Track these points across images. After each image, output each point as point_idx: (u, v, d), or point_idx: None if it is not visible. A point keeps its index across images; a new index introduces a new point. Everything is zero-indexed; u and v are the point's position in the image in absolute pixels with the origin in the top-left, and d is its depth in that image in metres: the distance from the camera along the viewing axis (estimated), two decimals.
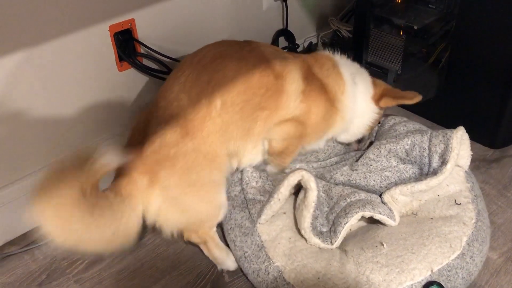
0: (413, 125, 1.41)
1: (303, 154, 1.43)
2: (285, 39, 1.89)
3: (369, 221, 1.25)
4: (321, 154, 1.46)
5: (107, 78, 1.38)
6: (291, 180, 1.17)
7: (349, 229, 1.20)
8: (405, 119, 1.46)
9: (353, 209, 1.17)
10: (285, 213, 1.25)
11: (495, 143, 1.56)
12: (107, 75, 1.37)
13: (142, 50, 1.42)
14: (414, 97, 1.30)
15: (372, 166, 1.32)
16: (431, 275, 1.07)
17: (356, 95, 1.31)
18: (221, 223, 1.27)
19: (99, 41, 1.31)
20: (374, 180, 1.30)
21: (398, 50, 1.59)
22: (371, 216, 1.19)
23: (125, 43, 1.36)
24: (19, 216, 1.30)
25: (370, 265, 1.09)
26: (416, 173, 1.30)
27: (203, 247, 1.23)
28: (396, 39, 1.58)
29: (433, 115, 1.66)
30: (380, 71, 1.67)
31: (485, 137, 1.55)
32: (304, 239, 1.18)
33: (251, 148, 1.20)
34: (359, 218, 1.18)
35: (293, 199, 1.27)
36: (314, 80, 1.23)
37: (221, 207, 1.17)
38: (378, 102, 1.35)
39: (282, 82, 1.17)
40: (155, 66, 1.46)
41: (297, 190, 1.24)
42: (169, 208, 1.09)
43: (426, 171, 1.29)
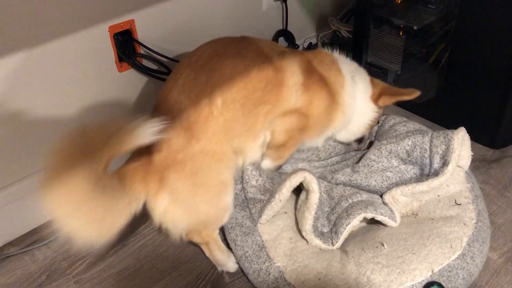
0: (413, 125, 1.41)
1: (302, 151, 1.43)
2: (285, 39, 1.89)
3: (369, 222, 1.24)
4: (322, 153, 1.46)
5: (107, 79, 1.38)
6: (294, 181, 1.17)
7: (351, 230, 1.20)
8: (405, 119, 1.46)
9: (355, 210, 1.17)
10: (286, 212, 1.25)
11: (495, 143, 1.56)
12: (106, 76, 1.37)
13: (142, 50, 1.42)
14: (412, 93, 1.31)
15: (373, 167, 1.31)
16: (431, 275, 1.07)
17: (355, 93, 1.31)
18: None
19: (99, 41, 1.31)
20: (375, 181, 1.29)
21: (398, 50, 1.59)
22: (372, 217, 1.18)
23: (125, 43, 1.36)
24: (19, 216, 1.31)
25: (370, 265, 1.09)
26: (417, 174, 1.30)
27: (204, 247, 1.23)
28: (396, 39, 1.58)
29: (433, 115, 1.66)
30: (380, 71, 1.67)
31: (485, 137, 1.55)
32: (305, 240, 1.18)
33: (255, 143, 1.20)
34: (361, 220, 1.18)
35: (294, 199, 1.27)
36: (314, 73, 1.23)
37: (227, 209, 1.17)
38: (377, 101, 1.35)
39: (282, 75, 1.17)
40: (154, 67, 1.46)
41: (298, 189, 1.23)
42: (175, 209, 1.09)
43: (427, 172, 1.29)
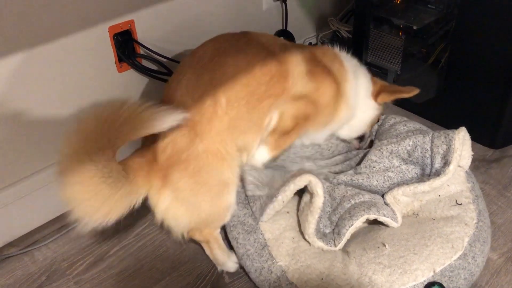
0: (413, 125, 1.41)
1: (306, 147, 1.43)
2: (285, 39, 1.89)
3: (370, 222, 1.24)
4: (326, 151, 1.46)
5: (107, 79, 1.38)
6: (298, 184, 1.17)
7: (353, 231, 1.19)
8: (405, 118, 1.46)
9: (358, 212, 1.16)
10: (289, 212, 1.25)
11: (495, 143, 1.56)
12: (106, 76, 1.37)
13: (142, 51, 1.42)
14: (411, 91, 1.32)
15: (375, 167, 1.31)
16: (433, 275, 1.06)
17: (358, 87, 1.31)
18: None
19: (98, 42, 1.31)
20: (377, 181, 1.29)
21: (397, 50, 1.59)
22: (374, 218, 1.18)
23: (125, 44, 1.36)
24: (18, 217, 1.30)
25: (372, 266, 1.09)
26: (418, 174, 1.30)
27: (205, 246, 1.23)
28: (396, 39, 1.58)
29: (433, 115, 1.66)
30: (379, 71, 1.67)
31: (485, 137, 1.55)
32: (307, 242, 1.17)
33: (260, 138, 1.20)
34: (363, 221, 1.18)
35: (296, 199, 1.27)
36: (318, 63, 1.23)
37: (229, 208, 1.16)
38: (376, 98, 1.36)
39: (286, 66, 1.16)
40: (154, 67, 1.46)
41: (301, 189, 1.23)
42: (178, 207, 1.10)
43: (428, 172, 1.28)
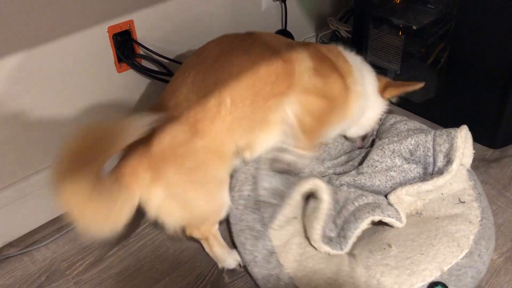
0: (413, 124, 1.41)
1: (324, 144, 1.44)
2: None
3: (374, 223, 1.23)
4: (333, 150, 1.47)
5: (106, 80, 1.38)
6: (303, 187, 1.16)
7: (359, 233, 1.18)
8: (405, 118, 1.46)
9: (363, 214, 1.16)
10: (296, 218, 1.24)
11: (494, 143, 1.56)
12: (106, 77, 1.37)
13: (141, 51, 1.42)
14: (417, 84, 1.33)
15: (377, 167, 1.31)
16: (441, 275, 1.05)
17: (365, 84, 1.32)
18: (229, 224, 1.26)
19: (98, 42, 1.31)
20: (379, 180, 1.29)
21: (397, 50, 1.59)
22: (379, 219, 1.18)
23: (124, 44, 1.36)
24: (18, 217, 1.30)
25: (380, 268, 1.08)
26: (420, 173, 1.30)
27: (204, 243, 1.23)
28: (395, 39, 1.58)
29: (433, 115, 1.66)
30: (379, 71, 1.66)
31: (484, 137, 1.55)
32: (314, 247, 1.17)
33: (267, 135, 1.20)
34: (369, 223, 1.17)
35: (303, 204, 1.26)
36: (324, 59, 1.23)
37: (224, 204, 1.17)
38: (383, 93, 1.36)
39: (291, 64, 1.17)
40: (154, 68, 1.46)
41: (308, 196, 1.23)
42: (171, 203, 1.10)
43: (430, 171, 1.28)
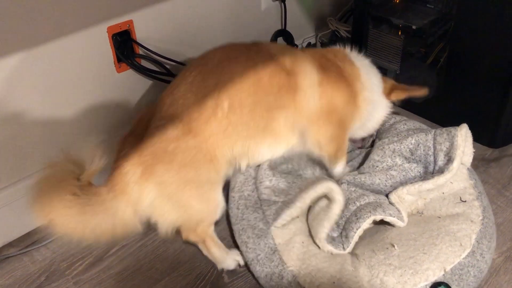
0: (413, 124, 1.41)
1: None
2: (284, 39, 1.89)
3: (376, 223, 1.23)
4: None
5: (106, 80, 1.38)
6: (319, 191, 1.17)
7: (361, 233, 1.18)
8: (405, 118, 1.47)
9: (364, 214, 1.16)
10: (298, 217, 1.24)
11: (494, 142, 1.56)
12: (105, 77, 1.37)
13: (141, 51, 1.42)
14: (422, 90, 1.35)
15: (378, 167, 1.32)
16: (444, 274, 1.06)
17: (371, 87, 1.32)
18: (230, 224, 1.26)
19: (97, 42, 1.31)
20: (380, 179, 1.29)
21: (396, 50, 1.59)
22: (381, 219, 1.18)
23: (124, 44, 1.36)
24: (18, 217, 1.30)
25: (383, 267, 1.08)
26: (421, 172, 1.30)
27: (201, 246, 1.23)
28: (395, 39, 1.58)
29: (432, 115, 1.66)
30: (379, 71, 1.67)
31: (484, 137, 1.55)
32: (317, 246, 1.17)
33: (270, 143, 1.20)
34: (370, 222, 1.17)
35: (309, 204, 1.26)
36: (330, 67, 1.23)
37: (218, 205, 1.17)
38: (389, 95, 1.37)
39: (295, 78, 1.17)
40: (153, 68, 1.46)
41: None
42: (164, 203, 1.09)
43: (431, 170, 1.28)
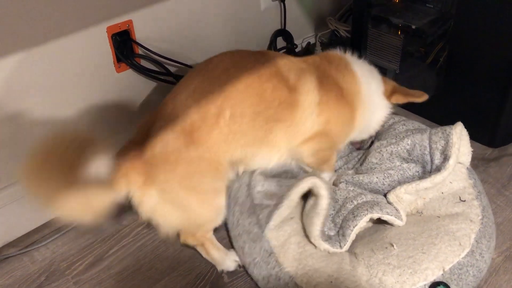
0: (412, 124, 1.41)
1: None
2: (283, 39, 1.89)
3: (375, 222, 1.24)
4: None
5: (105, 79, 1.38)
6: (302, 187, 1.17)
7: (358, 231, 1.19)
8: (404, 118, 1.47)
9: (361, 212, 1.16)
10: (293, 218, 1.24)
11: (493, 142, 1.56)
12: (105, 76, 1.37)
13: (140, 51, 1.42)
14: (422, 96, 1.34)
15: (376, 169, 1.32)
16: (443, 274, 1.06)
17: (371, 93, 1.33)
18: (227, 230, 1.27)
19: (97, 42, 1.31)
20: (377, 177, 1.29)
21: (396, 50, 1.59)
22: (378, 217, 1.18)
23: (123, 44, 1.36)
24: (18, 217, 1.30)
25: (382, 267, 1.08)
26: (419, 172, 1.30)
27: (200, 249, 1.23)
28: (394, 39, 1.58)
29: (432, 115, 1.66)
30: (378, 71, 1.67)
31: (483, 136, 1.55)
32: (313, 245, 1.17)
33: (265, 153, 1.21)
34: (367, 220, 1.17)
35: (301, 205, 1.26)
36: (330, 87, 1.24)
37: (220, 211, 1.17)
38: (390, 98, 1.37)
39: (296, 95, 1.18)
40: (153, 67, 1.46)
41: (305, 195, 1.23)
42: (166, 206, 1.09)
43: (429, 169, 1.29)
